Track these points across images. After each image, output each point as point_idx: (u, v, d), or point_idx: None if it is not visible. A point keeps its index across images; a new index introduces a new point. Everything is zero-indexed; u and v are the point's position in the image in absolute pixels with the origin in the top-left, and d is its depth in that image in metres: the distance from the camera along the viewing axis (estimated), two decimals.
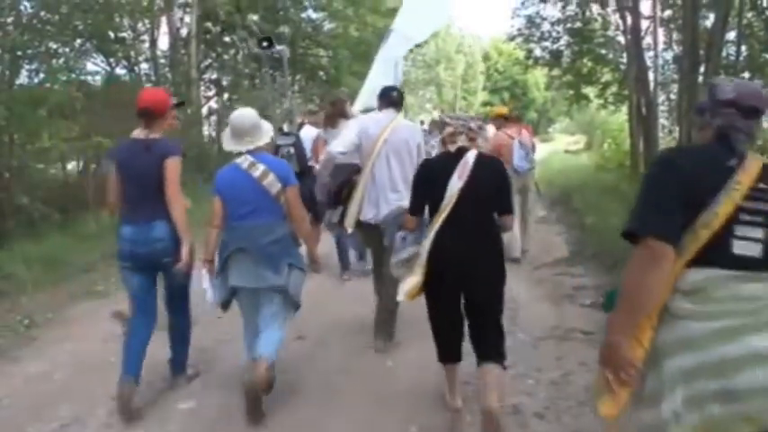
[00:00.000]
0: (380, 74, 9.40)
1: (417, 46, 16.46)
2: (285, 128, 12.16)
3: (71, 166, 16.40)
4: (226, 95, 23.48)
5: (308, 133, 9.45)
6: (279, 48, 16.75)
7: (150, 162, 4.85)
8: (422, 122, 20.66)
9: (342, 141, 6.04)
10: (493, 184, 4.40)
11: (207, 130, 21.92)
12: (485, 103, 56.33)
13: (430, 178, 4.53)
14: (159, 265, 4.99)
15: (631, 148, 18.52)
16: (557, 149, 38.12)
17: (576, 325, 6.55)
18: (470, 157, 4.36)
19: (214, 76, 23.57)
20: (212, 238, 4.99)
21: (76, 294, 8.57)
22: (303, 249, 5.21)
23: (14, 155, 12.10)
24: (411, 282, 4.45)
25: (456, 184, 4.29)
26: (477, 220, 4.36)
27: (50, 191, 13.29)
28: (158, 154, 4.85)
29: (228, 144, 5.00)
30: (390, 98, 6.16)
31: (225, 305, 5.05)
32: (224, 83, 23.33)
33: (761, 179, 2.52)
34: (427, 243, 4.37)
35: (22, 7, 13.66)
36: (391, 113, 6.10)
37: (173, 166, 4.87)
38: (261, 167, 4.78)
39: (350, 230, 6.24)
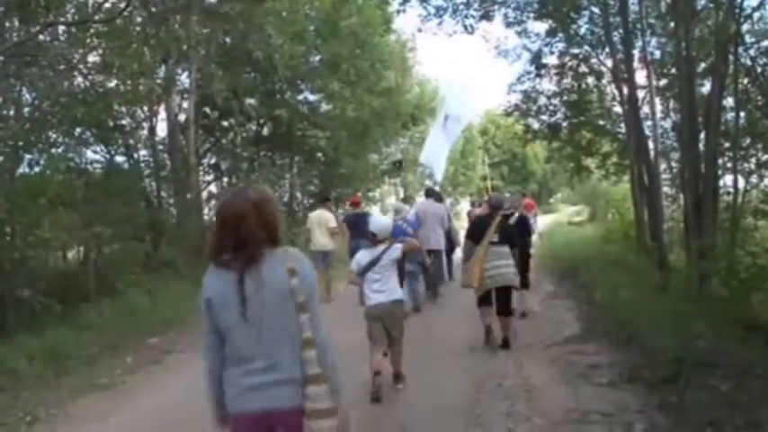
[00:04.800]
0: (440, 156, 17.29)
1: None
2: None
3: (71, 254, 16.30)
4: (225, 179, 23.46)
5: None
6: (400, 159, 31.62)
7: (364, 220, 10.30)
8: (409, 197, 22.06)
9: (413, 215, 13.08)
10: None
11: (207, 215, 21.82)
12: (483, 178, 56.45)
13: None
14: None
15: (636, 219, 18.35)
16: (560, 221, 38.11)
17: (594, 406, 6.35)
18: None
19: (213, 161, 23.59)
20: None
21: (79, 388, 8.38)
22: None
23: (15, 246, 11.99)
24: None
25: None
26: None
27: (51, 281, 13.16)
28: (367, 215, 11.90)
29: (393, 216, 12.09)
30: (430, 194, 14.70)
31: None
32: (223, 167, 23.33)
33: (501, 223, 9.29)
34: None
35: (23, 99, 13.79)
36: (431, 200, 14.27)
37: None
38: (406, 225, 11.69)
39: None
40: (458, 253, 13.20)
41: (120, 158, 18.46)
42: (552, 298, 13.22)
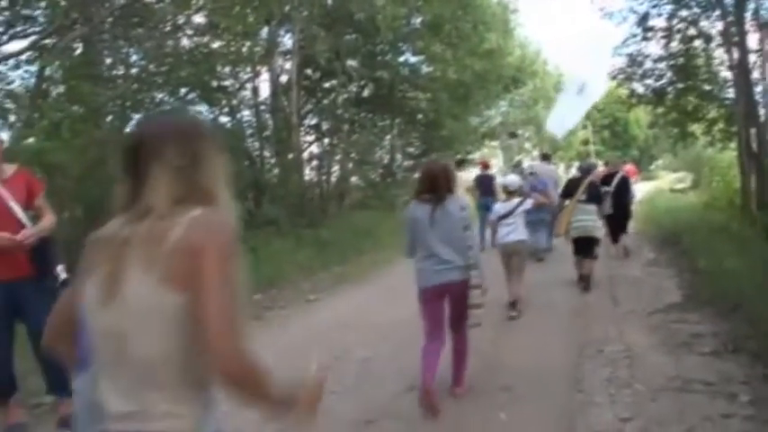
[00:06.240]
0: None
1: None
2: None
3: None
4: (326, 140, 23.70)
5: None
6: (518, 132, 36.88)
7: (491, 180, 15.98)
8: (519, 162, 21.88)
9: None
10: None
11: (308, 175, 22.13)
12: (585, 142, 55.57)
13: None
14: None
15: (742, 186, 17.85)
16: (661, 188, 37.31)
17: (696, 375, 6.22)
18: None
19: (314, 122, 23.84)
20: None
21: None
22: None
23: None
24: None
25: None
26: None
27: None
28: (493, 177, 16.39)
29: (525, 174, 14.15)
30: (545, 158, 17.64)
31: None
32: (324, 128, 23.57)
33: (590, 182, 11.18)
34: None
35: (131, 59, 14.17)
36: (545, 163, 16.49)
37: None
38: (537, 182, 13.31)
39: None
40: None
41: (223, 119, 18.86)
42: (653, 265, 13.02)
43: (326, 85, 22.56)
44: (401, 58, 24.03)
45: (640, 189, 22.81)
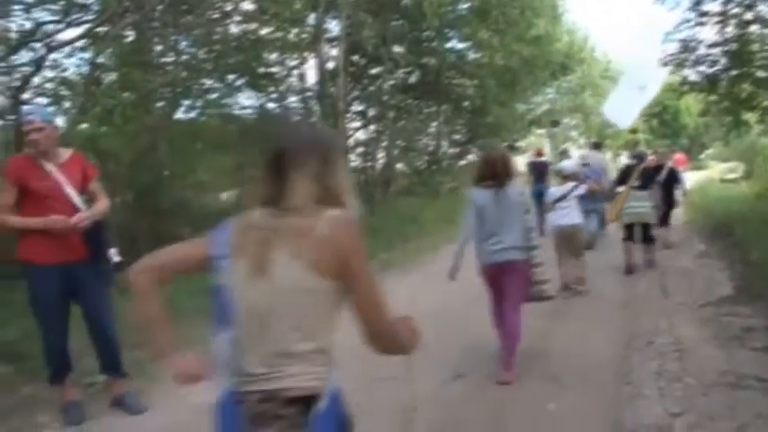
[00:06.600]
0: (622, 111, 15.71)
1: None
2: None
3: (226, 196, 16.88)
4: (372, 127, 23.70)
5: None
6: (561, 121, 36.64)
7: (544, 167, 16.96)
8: (566, 150, 21.75)
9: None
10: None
11: (354, 162, 22.16)
12: (633, 131, 54.87)
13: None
14: None
15: None
16: (711, 177, 36.78)
17: (749, 371, 6.11)
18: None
19: (360, 108, 23.84)
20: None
21: None
22: None
23: (174, 188, 12.55)
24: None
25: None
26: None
27: (211, 222, 13.67)
28: (547, 163, 17.70)
29: (580, 163, 13.95)
30: (595, 146, 17.17)
31: None
32: (370, 114, 23.57)
33: (643, 169, 11.48)
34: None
35: (181, 46, 14.31)
36: (596, 151, 16.30)
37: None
38: (589, 171, 13.04)
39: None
40: None
41: (271, 105, 18.96)
42: (704, 256, 12.84)
43: (373, 71, 22.55)
44: (448, 45, 23.96)
45: (689, 179, 22.33)
